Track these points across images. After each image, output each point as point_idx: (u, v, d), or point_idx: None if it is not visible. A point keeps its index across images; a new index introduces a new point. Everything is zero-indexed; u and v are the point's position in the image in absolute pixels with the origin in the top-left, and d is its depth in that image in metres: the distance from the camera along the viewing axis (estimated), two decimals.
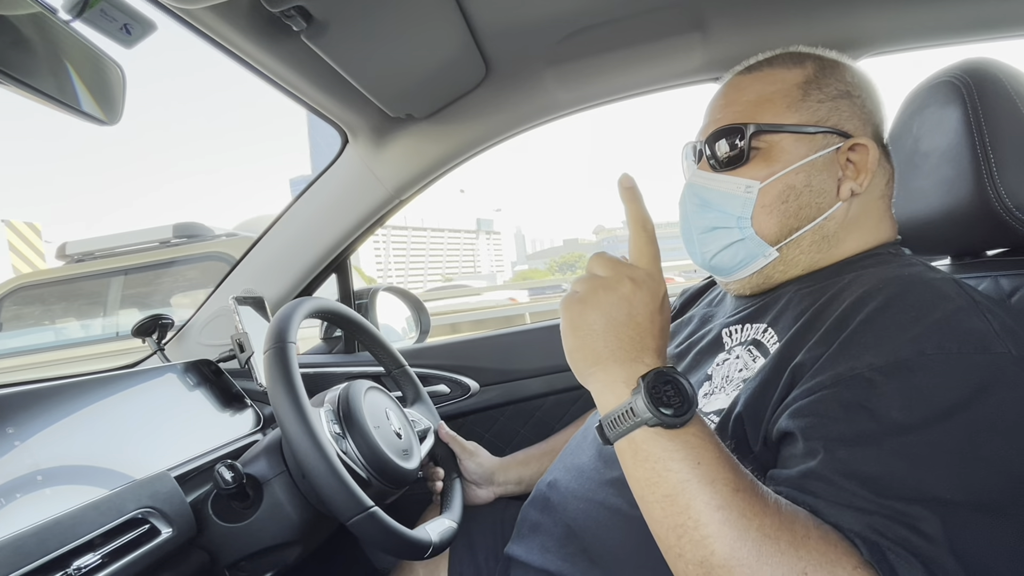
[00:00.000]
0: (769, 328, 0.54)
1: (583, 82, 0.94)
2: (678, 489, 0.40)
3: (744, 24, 0.84)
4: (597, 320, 0.44)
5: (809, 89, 0.57)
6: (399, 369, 0.92)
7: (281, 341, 0.65)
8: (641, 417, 0.41)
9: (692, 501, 0.39)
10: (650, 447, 0.41)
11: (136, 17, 0.53)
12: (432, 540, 0.66)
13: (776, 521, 0.38)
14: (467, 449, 0.89)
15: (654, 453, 0.41)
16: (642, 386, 0.41)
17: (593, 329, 0.44)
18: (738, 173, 0.57)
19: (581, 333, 0.44)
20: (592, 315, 0.44)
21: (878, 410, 0.40)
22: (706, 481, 0.39)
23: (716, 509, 0.38)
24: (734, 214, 0.57)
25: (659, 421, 0.40)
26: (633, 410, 0.41)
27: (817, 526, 0.38)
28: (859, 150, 0.56)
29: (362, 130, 0.97)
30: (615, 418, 0.42)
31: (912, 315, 0.43)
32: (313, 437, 0.59)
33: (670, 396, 0.41)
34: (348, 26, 0.67)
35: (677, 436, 0.41)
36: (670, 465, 0.40)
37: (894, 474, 0.38)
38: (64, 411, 0.66)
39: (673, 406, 0.40)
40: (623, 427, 0.42)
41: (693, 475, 0.39)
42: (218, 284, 1.11)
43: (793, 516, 0.38)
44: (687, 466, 0.40)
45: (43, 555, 0.50)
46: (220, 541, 0.66)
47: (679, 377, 0.42)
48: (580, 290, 0.45)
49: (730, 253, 0.59)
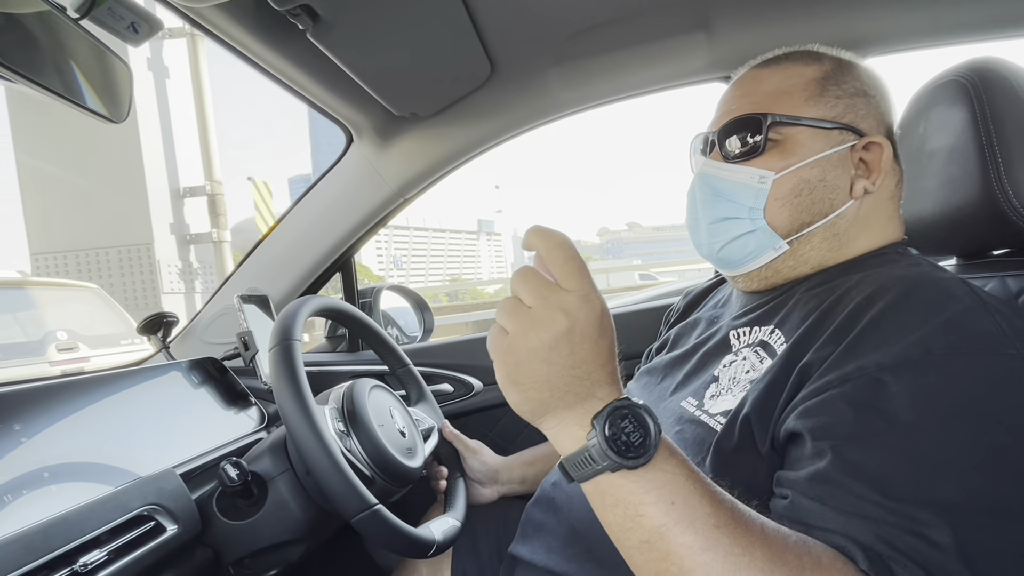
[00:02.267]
0: (776, 329, 0.54)
1: (588, 81, 0.94)
2: (655, 535, 0.37)
3: (749, 24, 0.84)
4: (537, 371, 0.38)
5: (827, 85, 0.57)
6: (403, 368, 0.93)
7: (286, 339, 0.65)
8: (601, 464, 0.37)
9: (672, 547, 0.36)
10: (617, 492, 0.38)
11: (144, 16, 0.53)
12: (436, 539, 0.66)
13: (767, 553, 0.36)
14: (471, 448, 0.89)
15: (622, 498, 0.38)
16: (597, 428, 0.37)
17: (535, 381, 0.38)
18: (753, 164, 0.57)
19: (522, 388, 0.39)
20: (530, 367, 0.38)
21: (886, 410, 0.40)
22: (684, 522, 0.36)
23: (700, 552, 0.35)
24: (746, 204, 0.57)
25: (620, 464, 0.36)
26: (591, 456, 0.37)
27: (808, 551, 0.37)
28: (873, 149, 0.56)
29: (367, 129, 0.97)
30: (575, 463, 0.39)
31: (920, 315, 0.43)
32: (318, 435, 0.59)
33: (629, 433, 0.37)
34: (354, 25, 0.67)
35: (644, 475, 0.37)
36: (642, 510, 0.37)
37: (902, 475, 0.38)
38: (70, 408, 0.66)
39: (634, 445, 0.37)
40: (585, 472, 0.38)
41: (669, 518, 0.36)
42: (223, 282, 1.12)
43: (783, 543, 0.37)
44: (660, 509, 0.37)
45: (49, 551, 0.50)
46: (224, 538, 0.66)
47: (637, 409, 0.38)
48: (509, 329, 0.39)
49: (739, 244, 0.58)
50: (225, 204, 5.30)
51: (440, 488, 0.85)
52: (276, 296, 1.08)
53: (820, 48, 0.60)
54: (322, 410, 0.65)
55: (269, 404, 0.93)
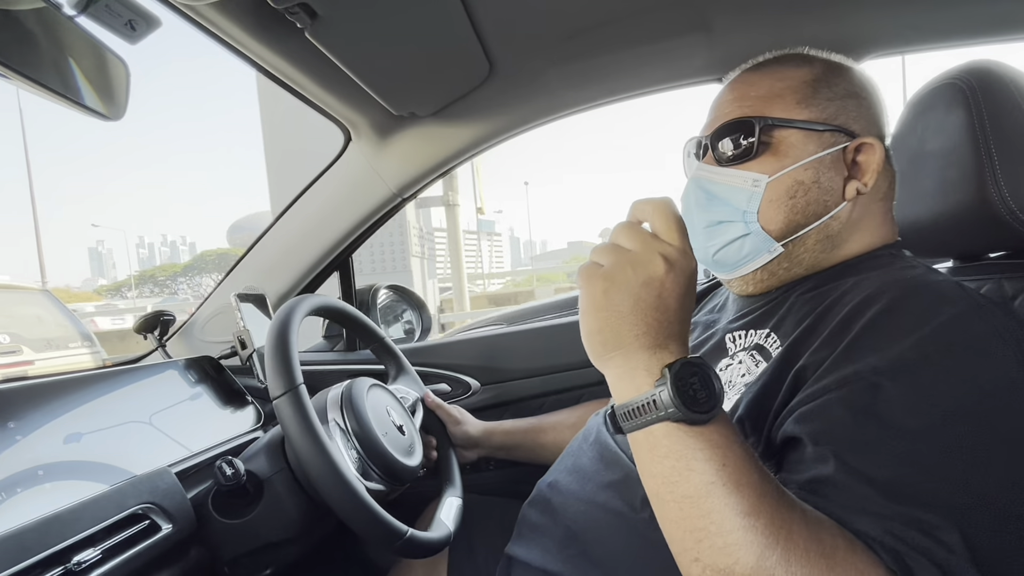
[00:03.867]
0: (772, 333, 0.54)
1: (586, 81, 0.94)
2: (701, 491, 0.37)
3: (748, 25, 0.84)
4: (624, 301, 0.40)
5: (819, 87, 0.57)
6: (377, 343, 0.93)
7: (292, 385, 0.63)
8: (664, 411, 0.38)
9: (716, 505, 0.37)
10: (671, 443, 0.39)
11: (141, 13, 0.53)
12: (450, 528, 0.72)
13: (804, 530, 0.36)
14: (453, 416, 0.93)
15: (675, 450, 0.38)
16: (668, 377, 0.38)
17: (619, 311, 0.40)
18: (746, 167, 0.57)
19: (604, 314, 0.40)
20: (619, 295, 0.40)
21: (884, 414, 0.40)
22: (732, 485, 0.37)
23: (743, 515, 0.36)
24: (740, 208, 0.57)
25: (684, 416, 0.37)
26: (656, 403, 0.38)
27: (843, 535, 0.37)
28: (865, 150, 0.56)
29: (365, 128, 0.97)
30: (633, 409, 0.40)
31: (916, 318, 0.43)
32: (343, 481, 0.60)
33: (696, 389, 0.38)
34: (352, 23, 0.67)
35: (702, 434, 0.38)
36: (693, 464, 0.38)
37: (904, 479, 0.38)
38: (65, 406, 0.66)
39: (700, 400, 0.38)
40: (641, 419, 0.39)
41: (718, 477, 0.37)
42: (220, 281, 1.11)
43: (819, 524, 0.37)
44: (712, 467, 0.37)
45: (44, 549, 0.50)
46: (220, 537, 0.66)
47: (707, 369, 0.39)
48: (605, 263, 0.41)
49: (735, 248, 0.58)
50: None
51: (431, 457, 0.88)
52: (273, 295, 1.08)
53: (810, 51, 0.61)
54: (336, 445, 0.66)
55: (265, 403, 0.93)
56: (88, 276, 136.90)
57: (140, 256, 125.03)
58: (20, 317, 4.00)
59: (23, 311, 4.04)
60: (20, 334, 3.90)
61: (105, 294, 38.61)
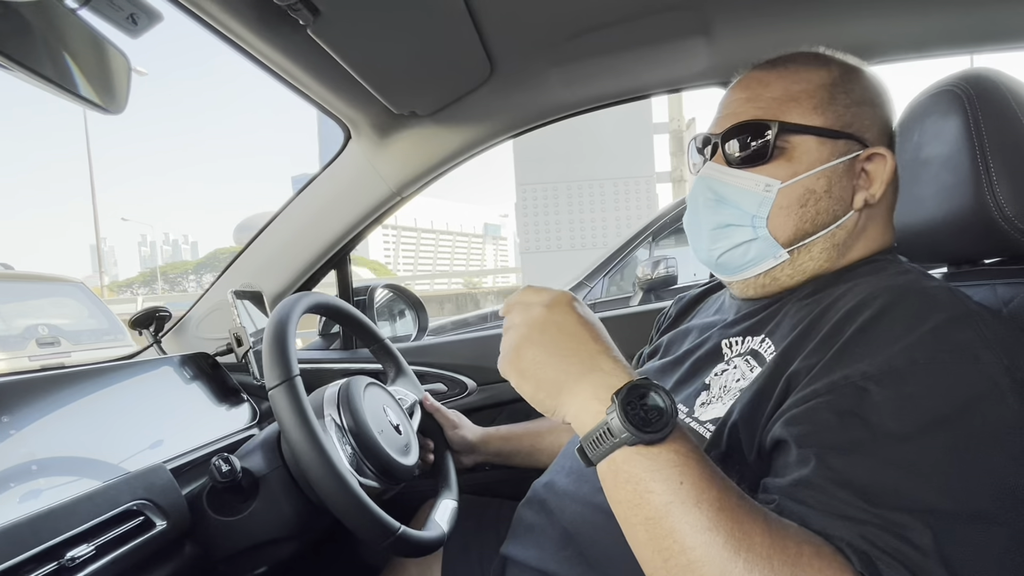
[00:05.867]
0: (767, 339, 0.54)
1: (587, 83, 0.94)
2: (661, 512, 0.38)
3: (749, 31, 0.84)
4: (536, 353, 0.44)
5: (836, 92, 0.56)
6: (377, 344, 0.93)
7: (288, 376, 0.62)
8: (619, 437, 0.39)
9: (676, 524, 0.37)
10: (630, 468, 0.39)
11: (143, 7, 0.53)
12: (444, 530, 0.72)
13: (767, 540, 0.36)
14: (451, 420, 0.92)
15: (635, 474, 0.39)
16: (616, 403, 0.39)
17: (537, 362, 0.44)
18: (758, 171, 0.55)
19: (529, 375, 0.44)
20: (528, 350, 0.44)
21: (871, 419, 0.40)
22: (690, 502, 0.37)
23: (702, 531, 0.36)
24: (750, 212, 0.56)
25: (638, 439, 0.38)
26: (610, 430, 0.39)
27: (808, 540, 0.37)
28: (876, 160, 0.55)
29: (365, 126, 0.97)
30: (592, 440, 0.40)
31: (906, 324, 0.43)
32: (337, 475, 0.60)
33: (647, 410, 0.39)
34: (354, 21, 0.67)
35: (658, 454, 0.39)
36: (651, 486, 0.38)
37: (886, 483, 0.38)
38: (60, 401, 0.66)
39: (652, 420, 0.38)
40: (602, 448, 0.40)
41: (676, 496, 0.38)
42: (217, 277, 1.11)
43: (784, 531, 0.37)
44: (669, 487, 0.38)
45: (37, 545, 0.49)
46: (214, 535, 0.66)
47: (654, 390, 0.39)
48: (504, 345, 0.46)
49: (740, 251, 0.58)
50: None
51: (428, 460, 0.88)
52: (270, 292, 1.07)
53: (826, 51, 0.59)
54: (332, 440, 0.66)
55: (261, 400, 0.93)
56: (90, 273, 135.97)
57: (142, 255, 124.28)
58: (58, 308, 3.97)
59: (60, 302, 4.01)
60: (58, 326, 3.87)
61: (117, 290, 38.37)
